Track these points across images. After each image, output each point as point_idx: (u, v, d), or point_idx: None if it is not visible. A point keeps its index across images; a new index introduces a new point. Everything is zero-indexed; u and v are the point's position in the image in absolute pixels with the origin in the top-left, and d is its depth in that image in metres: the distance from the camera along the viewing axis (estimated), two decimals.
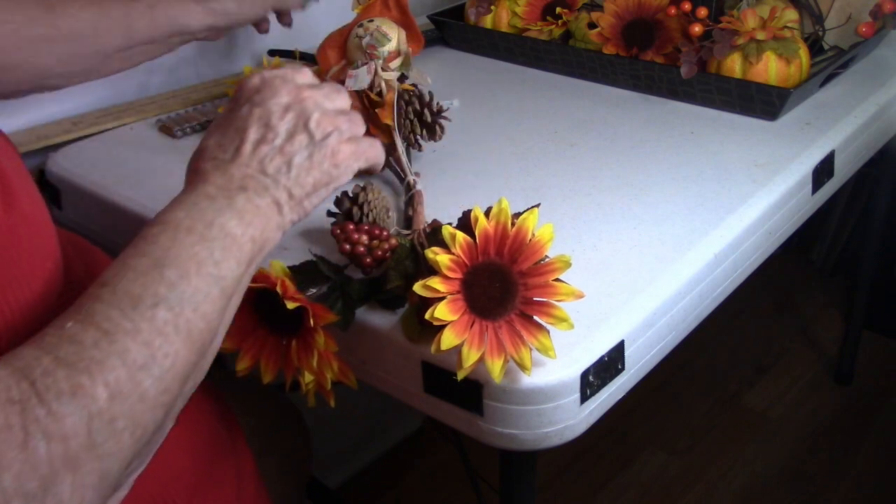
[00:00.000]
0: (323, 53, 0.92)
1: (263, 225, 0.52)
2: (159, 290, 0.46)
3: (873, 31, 1.07)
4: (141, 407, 0.44)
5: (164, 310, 0.46)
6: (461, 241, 0.58)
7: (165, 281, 0.46)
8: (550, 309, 0.58)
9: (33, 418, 0.39)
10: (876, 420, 1.60)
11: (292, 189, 0.54)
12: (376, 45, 0.86)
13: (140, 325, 0.44)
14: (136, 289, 0.46)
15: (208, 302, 0.48)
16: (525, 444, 0.63)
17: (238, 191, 0.52)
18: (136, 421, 0.43)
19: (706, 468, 1.51)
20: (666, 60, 1.05)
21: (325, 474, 1.45)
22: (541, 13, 1.17)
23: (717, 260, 0.76)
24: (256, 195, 0.53)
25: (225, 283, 0.49)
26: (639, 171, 0.88)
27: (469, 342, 0.57)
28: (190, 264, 0.48)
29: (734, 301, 0.83)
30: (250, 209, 0.52)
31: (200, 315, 0.47)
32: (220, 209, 0.51)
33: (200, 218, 0.50)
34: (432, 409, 0.66)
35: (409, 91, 0.86)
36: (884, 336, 1.78)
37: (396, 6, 0.91)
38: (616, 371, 0.66)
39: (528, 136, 0.96)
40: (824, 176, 0.92)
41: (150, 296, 0.46)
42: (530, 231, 0.59)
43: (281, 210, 0.54)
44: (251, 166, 0.54)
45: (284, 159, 0.55)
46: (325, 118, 0.57)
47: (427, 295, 0.57)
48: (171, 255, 0.48)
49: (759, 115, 0.98)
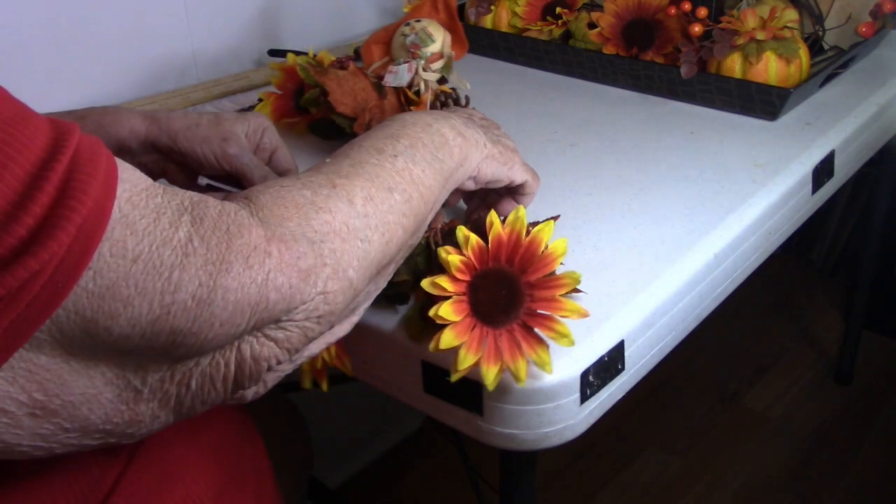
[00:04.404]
0: (368, 49, 0.92)
1: (467, 147, 0.63)
2: (397, 148, 0.57)
3: (873, 31, 1.07)
4: (389, 217, 0.53)
5: (402, 160, 0.56)
6: (474, 244, 0.58)
7: (400, 145, 0.58)
8: (553, 323, 0.58)
9: (303, 197, 0.50)
10: (876, 420, 1.60)
11: (490, 142, 0.66)
12: (420, 44, 0.86)
13: (384, 163, 0.55)
14: (378, 144, 0.57)
15: (429, 174, 0.58)
16: (525, 444, 0.63)
17: (454, 116, 0.65)
18: (384, 224, 0.53)
19: (706, 468, 1.51)
20: (666, 60, 1.05)
21: (325, 474, 1.46)
22: (541, 13, 1.17)
23: (717, 260, 0.76)
24: (465, 126, 0.64)
25: (441, 167, 0.59)
26: (639, 171, 0.88)
27: (468, 345, 0.57)
28: (417, 141, 0.59)
29: (734, 301, 0.83)
30: (460, 129, 0.63)
31: (424, 181, 0.57)
32: (437, 118, 0.62)
33: (421, 119, 0.61)
34: (432, 409, 0.66)
35: (446, 93, 0.87)
36: (884, 336, 1.78)
37: (445, 9, 0.91)
38: (616, 371, 0.66)
39: (528, 136, 0.96)
40: (824, 176, 0.92)
41: (390, 149, 0.57)
42: (544, 243, 0.59)
43: (479, 146, 0.64)
44: (463, 116, 0.68)
45: (487, 127, 0.70)
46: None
47: (434, 292, 0.58)
48: (402, 132, 0.59)
49: (759, 115, 0.98)
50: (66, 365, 0.42)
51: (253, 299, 0.44)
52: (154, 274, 0.41)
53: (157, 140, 0.69)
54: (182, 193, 0.45)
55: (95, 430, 0.45)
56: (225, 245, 0.44)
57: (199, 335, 0.43)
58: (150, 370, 0.45)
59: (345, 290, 0.50)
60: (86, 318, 0.40)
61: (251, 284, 0.44)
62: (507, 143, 0.69)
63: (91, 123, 0.68)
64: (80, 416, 0.44)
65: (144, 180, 0.44)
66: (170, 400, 0.46)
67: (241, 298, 0.44)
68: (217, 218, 0.44)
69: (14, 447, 0.43)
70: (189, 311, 0.42)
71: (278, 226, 0.47)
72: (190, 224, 0.43)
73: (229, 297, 0.43)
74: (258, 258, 0.44)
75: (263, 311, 0.45)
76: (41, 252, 0.37)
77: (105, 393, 0.44)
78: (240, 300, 0.43)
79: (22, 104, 0.40)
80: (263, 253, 0.45)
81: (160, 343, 0.43)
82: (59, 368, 0.42)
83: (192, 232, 0.43)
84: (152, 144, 0.69)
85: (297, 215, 0.48)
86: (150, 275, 0.41)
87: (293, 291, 0.46)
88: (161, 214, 0.42)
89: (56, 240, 0.37)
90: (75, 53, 1.00)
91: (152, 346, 0.43)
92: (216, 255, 0.43)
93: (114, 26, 1.02)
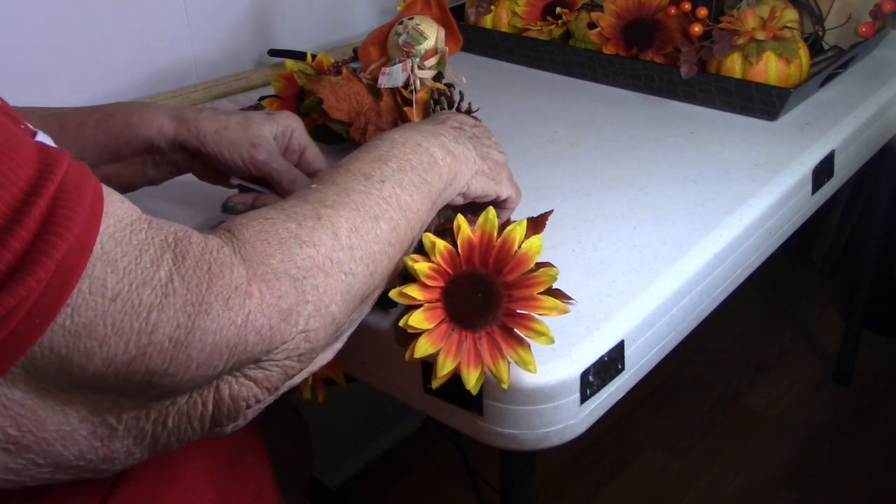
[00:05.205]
0: (365, 50, 0.92)
1: (456, 166, 0.62)
2: (385, 172, 0.56)
3: (873, 31, 1.07)
4: (374, 247, 0.53)
5: (389, 185, 0.55)
6: (441, 249, 0.58)
7: (388, 168, 0.56)
8: (531, 322, 0.57)
9: (287, 231, 0.49)
10: (875, 420, 1.60)
11: (479, 157, 0.65)
12: (413, 43, 0.86)
13: (371, 190, 0.54)
14: (366, 168, 0.56)
15: (417, 199, 0.57)
16: (525, 444, 0.63)
17: (444, 132, 0.63)
18: (369, 255, 0.52)
19: (706, 468, 1.51)
20: (666, 60, 1.05)
21: (325, 474, 1.46)
22: (541, 13, 1.17)
23: (717, 260, 0.76)
24: (456, 142, 0.63)
25: (429, 189, 0.58)
26: (639, 171, 0.88)
27: (445, 351, 0.56)
28: (405, 164, 0.57)
29: (734, 301, 0.83)
30: (450, 146, 0.62)
31: (412, 206, 0.56)
32: (427, 136, 0.61)
33: (411, 138, 0.60)
34: (432, 409, 0.66)
35: (439, 90, 0.87)
36: (884, 336, 1.78)
37: (437, 4, 0.91)
38: (616, 371, 0.66)
39: (528, 136, 0.96)
40: (824, 176, 0.92)
41: (378, 174, 0.56)
42: (517, 242, 0.58)
43: (468, 162, 0.64)
44: (454, 127, 0.68)
45: (478, 138, 0.69)
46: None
47: (403, 302, 0.57)
48: (391, 154, 0.58)
49: (759, 115, 0.98)
50: (41, 401, 0.41)
51: (231, 341, 0.43)
52: (132, 314, 0.40)
53: (186, 141, 0.68)
54: (167, 228, 0.44)
55: (69, 466, 0.44)
56: (206, 285, 0.43)
57: (174, 377, 0.42)
58: (125, 408, 0.44)
59: (326, 326, 0.49)
60: (61, 356, 0.40)
61: (230, 326, 0.43)
62: (496, 158, 0.68)
63: (119, 122, 0.67)
64: (53, 452, 0.43)
65: (130, 214, 0.43)
66: (145, 437, 0.46)
67: (220, 340, 0.43)
68: (199, 256, 0.43)
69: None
70: (165, 353, 0.41)
71: (261, 264, 0.46)
72: (172, 262, 0.42)
73: (207, 339, 0.42)
74: (238, 299, 0.44)
75: (242, 353, 0.44)
76: (19, 288, 0.36)
77: (80, 430, 0.43)
78: (218, 342, 0.43)
79: (13, 130, 0.39)
80: (244, 294, 0.44)
81: (135, 383, 0.42)
82: (33, 404, 0.41)
83: (174, 271, 0.42)
84: (181, 144, 0.68)
85: (279, 251, 0.47)
86: (129, 314, 0.40)
87: (273, 332, 0.45)
88: (143, 252, 0.42)
89: (34, 276, 0.37)
90: (75, 53, 1.00)
91: (127, 386, 0.42)
92: (196, 296, 0.42)
93: (114, 26, 1.02)
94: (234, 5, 1.15)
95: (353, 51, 1.13)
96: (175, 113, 0.68)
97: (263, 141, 0.69)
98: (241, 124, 0.69)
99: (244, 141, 0.68)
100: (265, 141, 0.69)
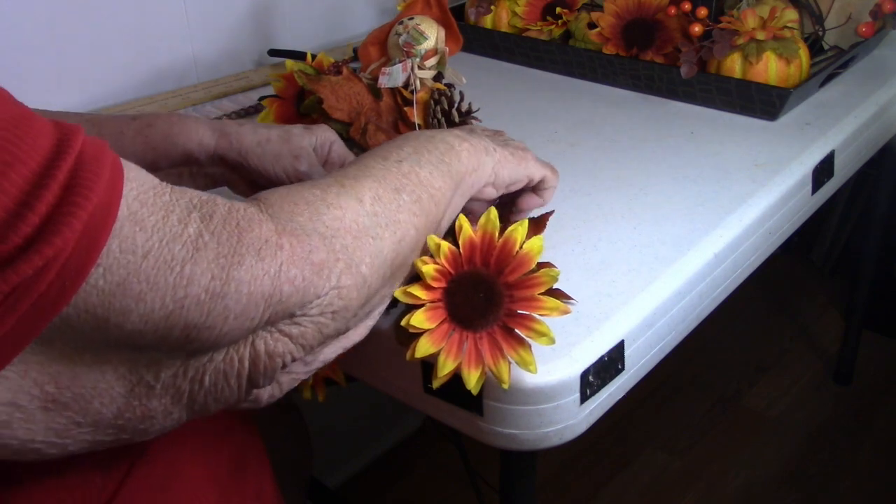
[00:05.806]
0: (365, 50, 0.92)
1: (476, 152, 0.62)
2: (401, 154, 0.57)
3: (873, 31, 1.07)
4: (399, 215, 0.54)
5: (407, 164, 0.56)
6: (445, 250, 0.58)
7: (404, 152, 0.58)
8: (532, 323, 0.57)
9: (313, 195, 0.50)
10: (875, 420, 1.60)
11: (498, 146, 0.66)
12: (413, 43, 0.86)
13: (390, 168, 0.56)
14: (383, 153, 0.57)
15: (437, 177, 0.57)
16: (525, 444, 0.63)
17: (455, 131, 0.65)
18: (395, 222, 0.53)
19: (706, 468, 1.51)
20: (666, 60, 1.05)
21: (325, 474, 1.46)
22: (541, 13, 1.17)
23: (717, 260, 0.76)
24: (469, 133, 0.64)
25: (448, 169, 0.59)
26: (639, 171, 0.88)
27: (446, 351, 0.56)
28: (421, 147, 0.59)
29: (734, 301, 0.83)
30: (464, 136, 0.63)
31: (433, 182, 0.57)
32: (439, 131, 0.63)
33: (423, 133, 0.62)
34: (432, 409, 0.66)
35: (440, 90, 0.87)
36: (884, 336, 1.78)
37: (437, 4, 0.91)
38: (616, 371, 0.66)
39: (528, 136, 0.96)
40: (824, 176, 0.92)
41: (394, 156, 0.57)
42: (518, 243, 0.58)
43: (489, 151, 0.64)
44: (465, 129, 0.68)
45: (491, 134, 0.70)
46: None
47: (407, 301, 0.57)
48: (406, 143, 0.59)
49: (759, 115, 0.98)
50: (79, 358, 0.42)
51: (266, 291, 0.44)
52: (165, 269, 0.41)
53: (227, 155, 0.69)
54: (191, 192, 0.45)
55: (108, 425, 0.45)
56: (236, 239, 0.44)
57: (213, 329, 0.43)
58: (162, 366, 0.45)
59: (358, 286, 0.50)
60: (97, 317, 0.40)
61: (264, 276, 0.44)
62: (516, 145, 0.69)
63: (158, 133, 0.67)
64: (92, 410, 0.44)
65: (151, 179, 0.44)
66: (182, 396, 0.47)
67: (255, 290, 0.44)
68: (226, 214, 0.45)
69: (28, 444, 0.43)
70: (202, 305, 0.42)
71: (289, 220, 0.47)
72: (199, 220, 0.43)
73: (242, 289, 0.43)
74: (270, 251, 0.45)
75: (277, 304, 0.45)
76: (46, 249, 0.37)
77: (116, 387, 0.44)
78: (253, 292, 0.44)
79: (24, 106, 0.40)
80: (275, 246, 0.45)
81: (174, 338, 0.43)
82: (72, 362, 0.42)
83: (202, 227, 0.43)
84: (220, 158, 0.69)
85: (307, 210, 0.49)
86: (162, 269, 0.41)
87: (306, 284, 0.46)
88: (170, 212, 0.43)
89: (61, 236, 0.37)
90: (75, 54, 1.00)
91: (166, 342, 0.43)
92: (227, 249, 0.43)
93: (114, 26, 1.02)
94: (234, 5, 1.15)
95: (353, 51, 1.13)
96: (215, 126, 0.69)
97: (305, 153, 0.70)
98: (282, 137, 0.70)
99: (287, 153, 0.69)
100: (307, 153, 0.70)
